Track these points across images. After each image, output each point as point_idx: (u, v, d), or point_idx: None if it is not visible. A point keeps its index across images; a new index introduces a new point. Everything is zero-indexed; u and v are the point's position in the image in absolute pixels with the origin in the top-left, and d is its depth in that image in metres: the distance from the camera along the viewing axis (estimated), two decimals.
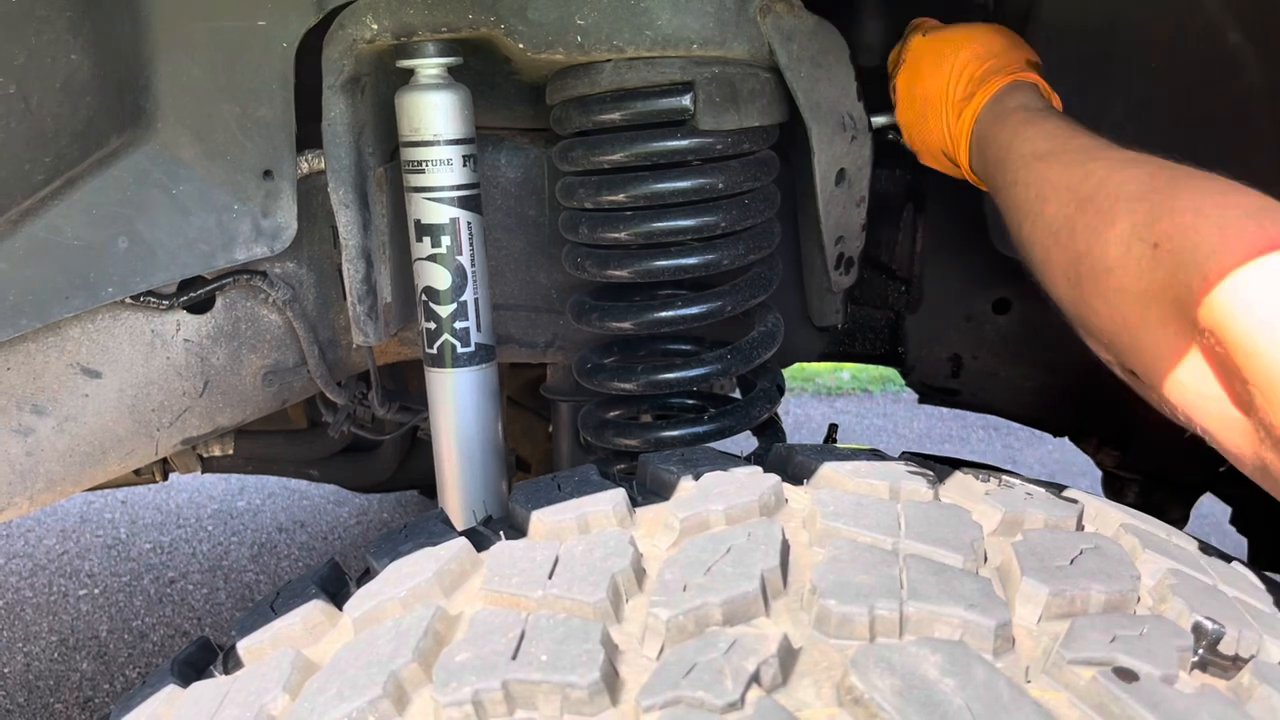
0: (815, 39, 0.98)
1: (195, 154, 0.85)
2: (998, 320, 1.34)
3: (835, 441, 1.26)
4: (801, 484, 0.73)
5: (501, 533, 0.69)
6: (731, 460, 0.76)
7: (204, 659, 0.71)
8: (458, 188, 0.94)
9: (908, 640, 0.54)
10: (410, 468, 1.82)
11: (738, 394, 1.17)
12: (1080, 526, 0.67)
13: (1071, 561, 0.60)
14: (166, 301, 0.94)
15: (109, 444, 0.95)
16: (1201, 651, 0.55)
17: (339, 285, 1.03)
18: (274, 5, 0.83)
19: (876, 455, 0.80)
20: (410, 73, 0.93)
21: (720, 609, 0.55)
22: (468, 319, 0.96)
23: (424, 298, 0.96)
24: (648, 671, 0.52)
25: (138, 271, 0.85)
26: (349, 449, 1.78)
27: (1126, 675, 0.50)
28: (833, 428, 1.38)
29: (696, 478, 0.71)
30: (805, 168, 1.02)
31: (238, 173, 0.87)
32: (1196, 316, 0.60)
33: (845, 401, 3.96)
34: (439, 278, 0.95)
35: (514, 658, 0.53)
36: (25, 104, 0.71)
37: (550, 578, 0.60)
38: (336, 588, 0.73)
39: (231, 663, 0.68)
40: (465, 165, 0.94)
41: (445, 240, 0.94)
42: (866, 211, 1.09)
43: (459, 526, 0.75)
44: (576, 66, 0.94)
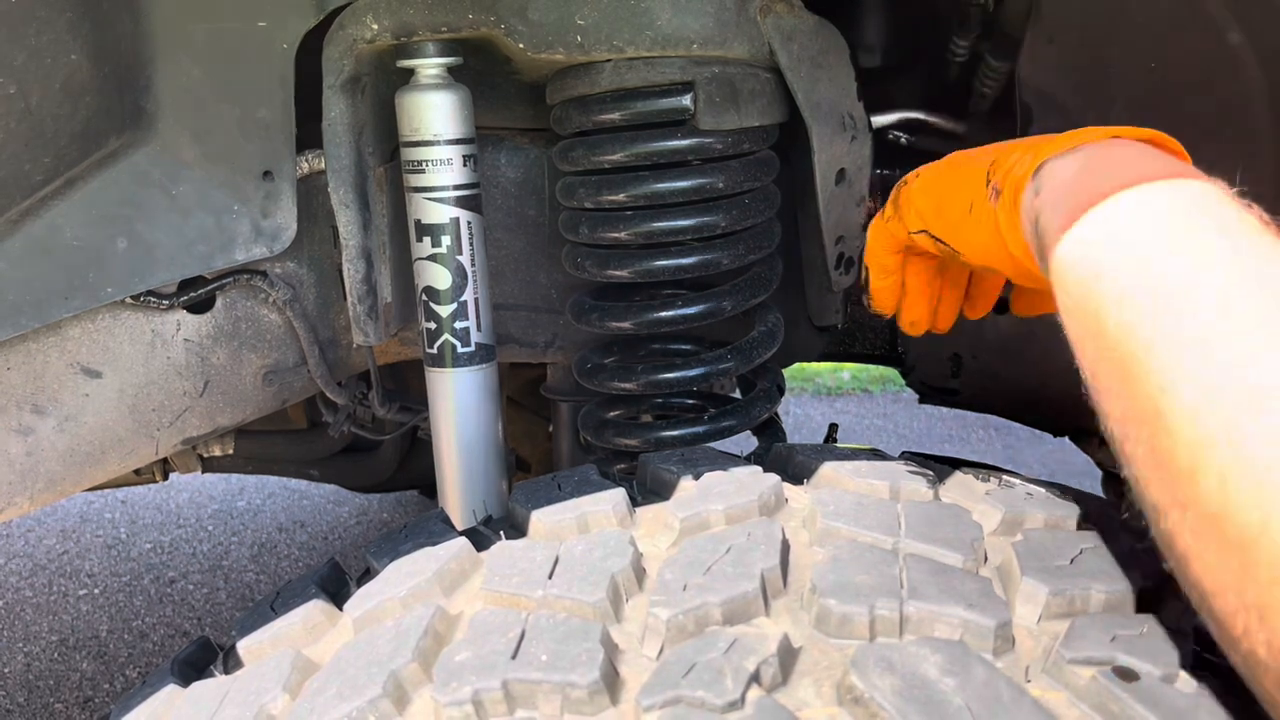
0: (815, 39, 0.98)
1: (195, 155, 0.85)
2: (998, 320, 1.34)
3: (835, 441, 1.26)
4: (801, 484, 0.73)
5: (501, 533, 0.69)
6: (731, 460, 0.76)
7: (204, 659, 0.71)
8: (458, 188, 0.94)
9: (908, 640, 0.54)
10: (410, 468, 1.82)
11: (738, 394, 1.17)
12: (1081, 526, 0.67)
13: (1071, 561, 0.60)
14: (167, 301, 0.94)
15: (109, 444, 0.95)
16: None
17: (339, 285, 1.03)
18: (274, 6, 0.83)
19: (876, 455, 0.80)
20: (410, 73, 0.93)
21: (720, 608, 0.55)
22: (468, 319, 0.96)
23: (424, 298, 0.96)
24: (648, 671, 0.52)
25: (137, 272, 0.85)
26: (349, 449, 1.78)
27: (1126, 675, 0.50)
28: (833, 427, 1.38)
29: (696, 478, 0.71)
30: (805, 168, 1.02)
31: (237, 173, 0.87)
32: None
33: (845, 401, 3.96)
34: (439, 277, 0.95)
35: (514, 657, 0.53)
36: (25, 104, 0.71)
37: (550, 577, 0.60)
38: (336, 587, 0.73)
39: (231, 662, 0.68)
40: (465, 165, 0.94)
41: (445, 240, 0.94)
42: (866, 211, 1.09)
43: (459, 526, 0.75)
44: (576, 66, 0.94)
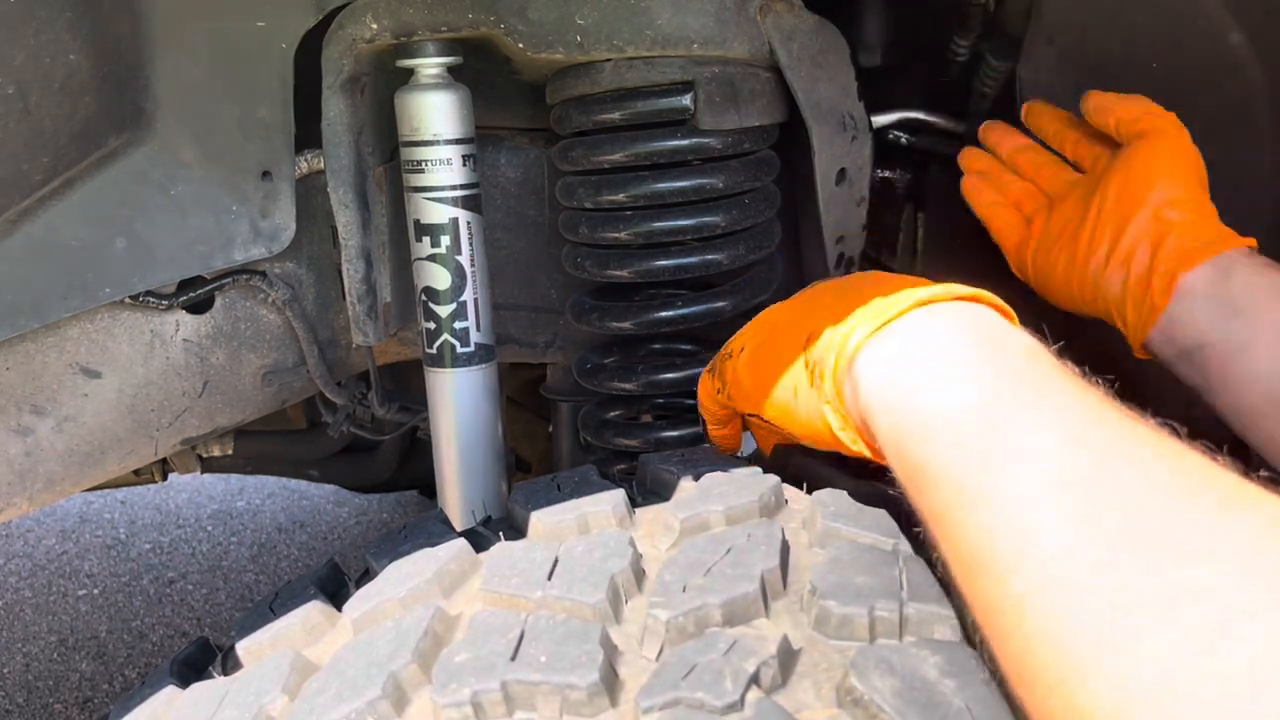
0: (815, 38, 0.98)
1: (194, 154, 0.84)
2: None
3: None
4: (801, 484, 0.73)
5: (501, 533, 0.69)
6: (731, 461, 0.76)
7: (203, 659, 0.71)
8: (457, 187, 0.94)
9: (908, 641, 0.54)
10: (410, 468, 1.82)
11: None
12: None
13: None
14: (166, 301, 0.94)
15: (108, 444, 0.95)
16: None
17: (339, 285, 1.03)
18: (273, 6, 0.83)
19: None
20: (410, 72, 0.93)
21: (720, 610, 0.55)
22: (467, 319, 0.96)
23: (424, 298, 0.96)
24: (647, 672, 0.52)
25: (136, 272, 0.85)
26: (348, 449, 1.78)
27: None
28: None
29: (696, 478, 0.71)
30: (805, 167, 1.02)
31: (236, 173, 0.87)
32: None
33: None
34: (439, 278, 0.95)
35: (513, 659, 0.53)
36: (24, 104, 0.71)
37: (549, 578, 0.59)
38: (336, 588, 0.72)
39: (230, 663, 0.68)
40: (465, 165, 0.94)
41: (445, 240, 0.94)
42: (866, 211, 1.09)
43: (458, 527, 0.74)
44: (576, 66, 0.94)
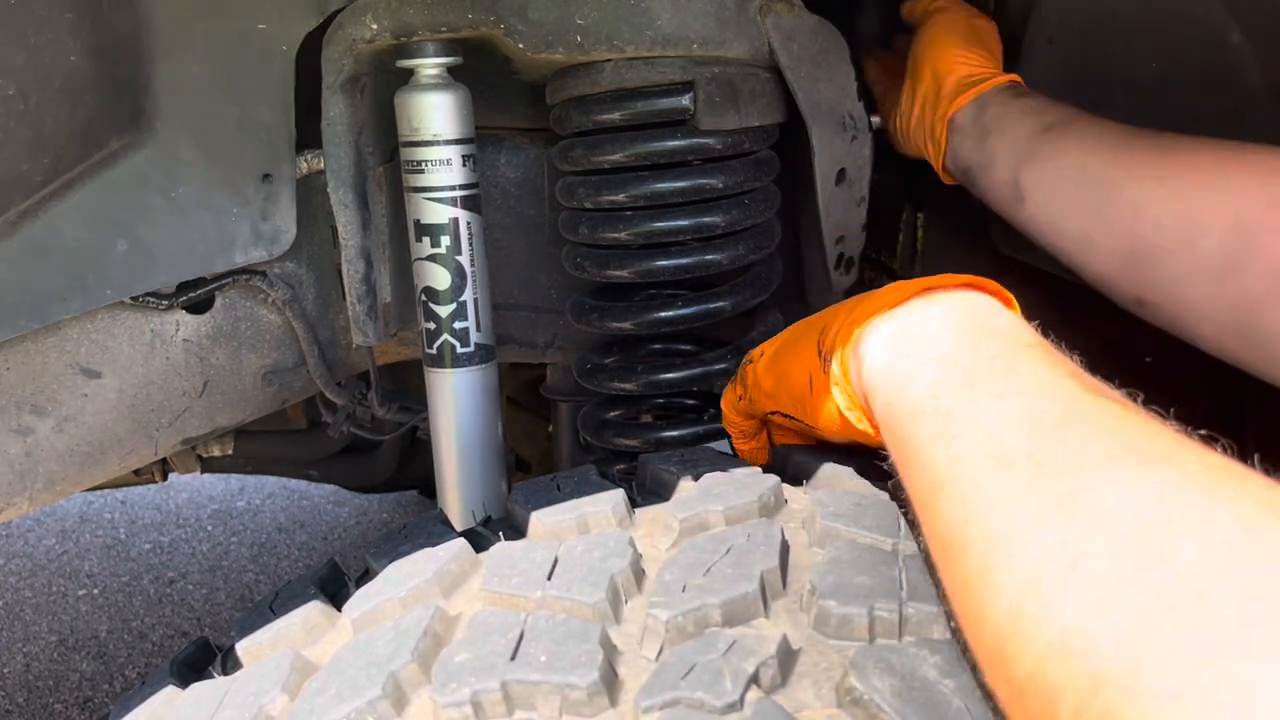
0: (815, 39, 0.98)
1: (194, 156, 0.84)
2: None
3: None
4: (801, 485, 0.73)
5: (501, 533, 0.69)
6: (731, 461, 0.76)
7: (203, 660, 0.71)
8: (457, 188, 0.94)
9: (907, 641, 0.54)
10: (410, 468, 1.82)
11: None
12: None
13: None
14: (166, 301, 0.94)
15: (108, 444, 0.95)
16: None
17: (339, 285, 1.03)
18: (274, 8, 0.83)
19: (876, 455, 0.79)
20: (410, 72, 0.93)
21: (719, 610, 0.55)
22: (467, 319, 0.96)
23: (423, 298, 0.96)
24: (647, 672, 0.52)
25: (136, 274, 0.85)
26: (348, 449, 1.78)
27: None
28: None
29: (696, 478, 0.71)
30: (805, 168, 1.02)
31: (237, 175, 0.87)
32: None
33: None
34: (438, 278, 0.95)
35: (513, 658, 0.53)
36: (25, 105, 0.71)
37: (549, 578, 0.60)
38: (335, 588, 0.73)
39: (230, 663, 0.68)
40: (465, 165, 0.94)
41: (445, 240, 0.94)
42: (866, 211, 1.09)
43: (458, 527, 0.75)
44: (576, 66, 0.94)
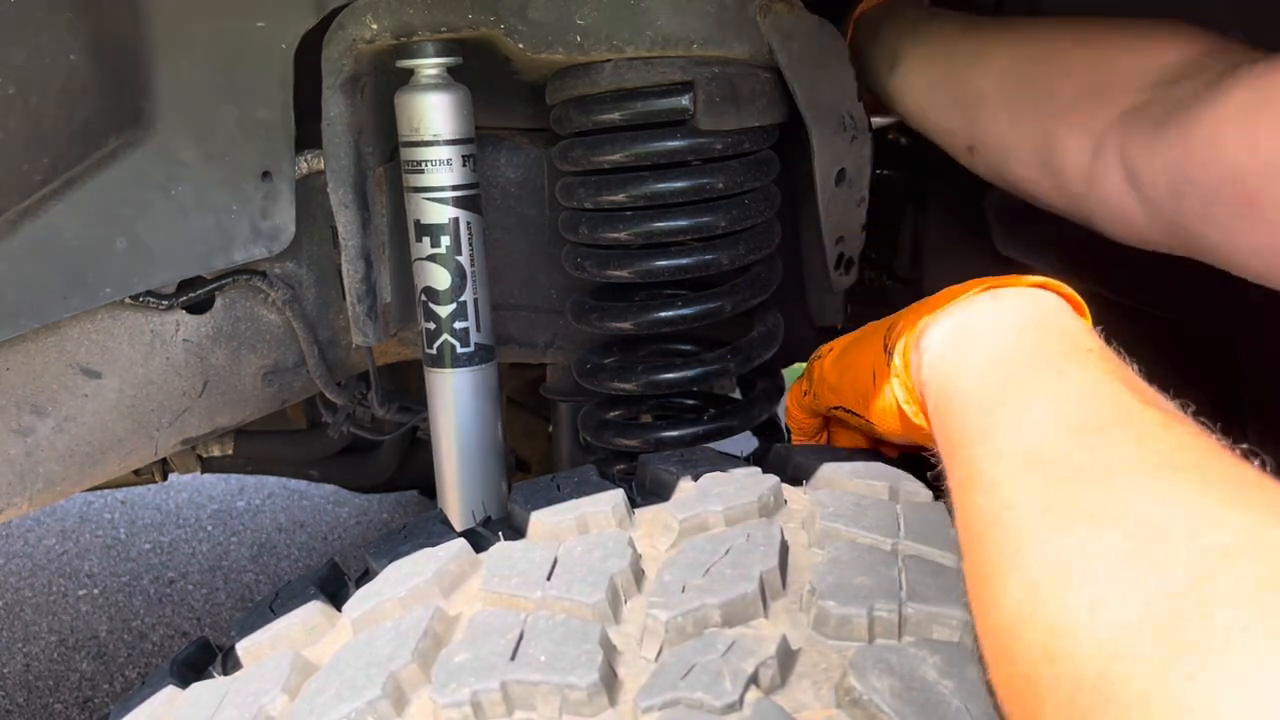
0: (815, 39, 0.98)
1: (194, 155, 0.84)
2: None
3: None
4: (801, 485, 0.73)
5: (500, 533, 0.69)
6: (731, 461, 0.76)
7: (203, 660, 0.71)
8: (457, 188, 0.94)
9: (906, 641, 0.54)
10: (410, 468, 1.82)
11: (738, 394, 1.17)
12: None
13: None
14: (166, 302, 0.94)
15: (109, 444, 0.95)
16: None
17: (339, 285, 1.03)
18: (273, 6, 0.83)
19: (876, 455, 0.79)
20: (410, 72, 0.93)
21: (719, 610, 0.55)
22: (467, 319, 0.96)
23: (423, 298, 0.96)
24: (646, 672, 0.52)
25: (136, 272, 0.85)
26: (348, 449, 1.78)
27: None
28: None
29: (695, 478, 0.71)
30: (805, 168, 1.02)
31: (236, 174, 0.87)
32: None
33: None
34: (438, 278, 0.95)
35: (512, 658, 0.53)
36: (24, 104, 0.71)
37: (549, 579, 0.60)
38: (335, 588, 0.73)
39: (230, 663, 0.68)
40: (465, 165, 0.94)
41: (445, 240, 0.94)
42: (866, 211, 1.09)
43: (458, 527, 0.75)
44: (576, 66, 0.94)
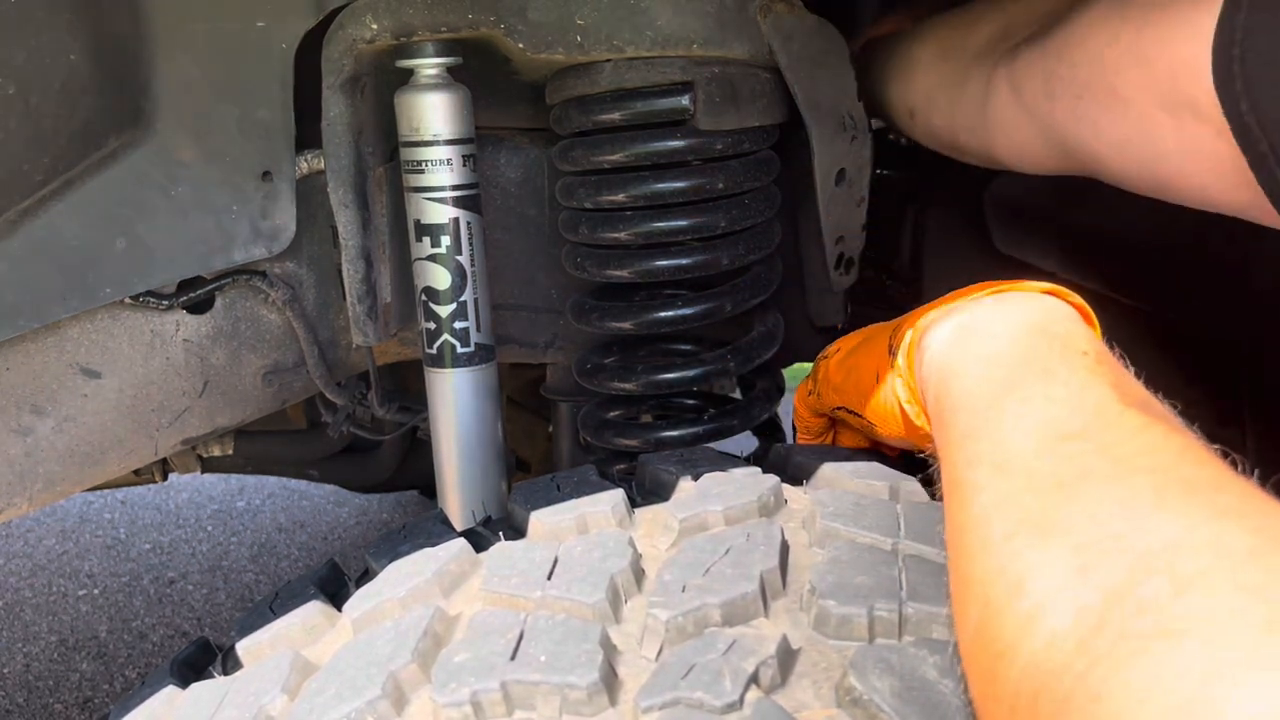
0: (815, 39, 0.98)
1: (194, 155, 0.84)
2: None
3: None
4: (801, 484, 0.73)
5: (500, 533, 0.69)
6: (731, 461, 0.76)
7: (203, 660, 0.71)
8: (457, 188, 0.93)
9: (907, 641, 0.54)
10: (410, 468, 1.82)
11: (738, 394, 1.17)
12: None
13: None
14: (166, 301, 0.94)
15: (108, 444, 0.95)
16: None
17: (339, 285, 1.03)
18: (273, 6, 0.83)
19: (876, 455, 0.79)
20: (410, 72, 0.93)
21: (719, 610, 0.55)
22: (467, 319, 0.96)
23: (424, 298, 0.96)
24: (646, 672, 0.52)
25: (136, 272, 0.85)
26: (349, 449, 1.78)
27: None
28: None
29: (695, 478, 0.71)
30: (805, 168, 1.02)
31: (236, 174, 0.87)
32: None
33: None
34: (439, 278, 0.95)
35: (513, 658, 0.53)
36: (24, 104, 0.71)
37: (549, 578, 0.60)
38: (335, 588, 0.73)
39: (230, 663, 0.68)
40: (465, 165, 0.94)
41: (445, 240, 0.94)
42: (866, 211, 1.09)
43: (458, 527, 0.75)
44: (576, 66, 0.94)
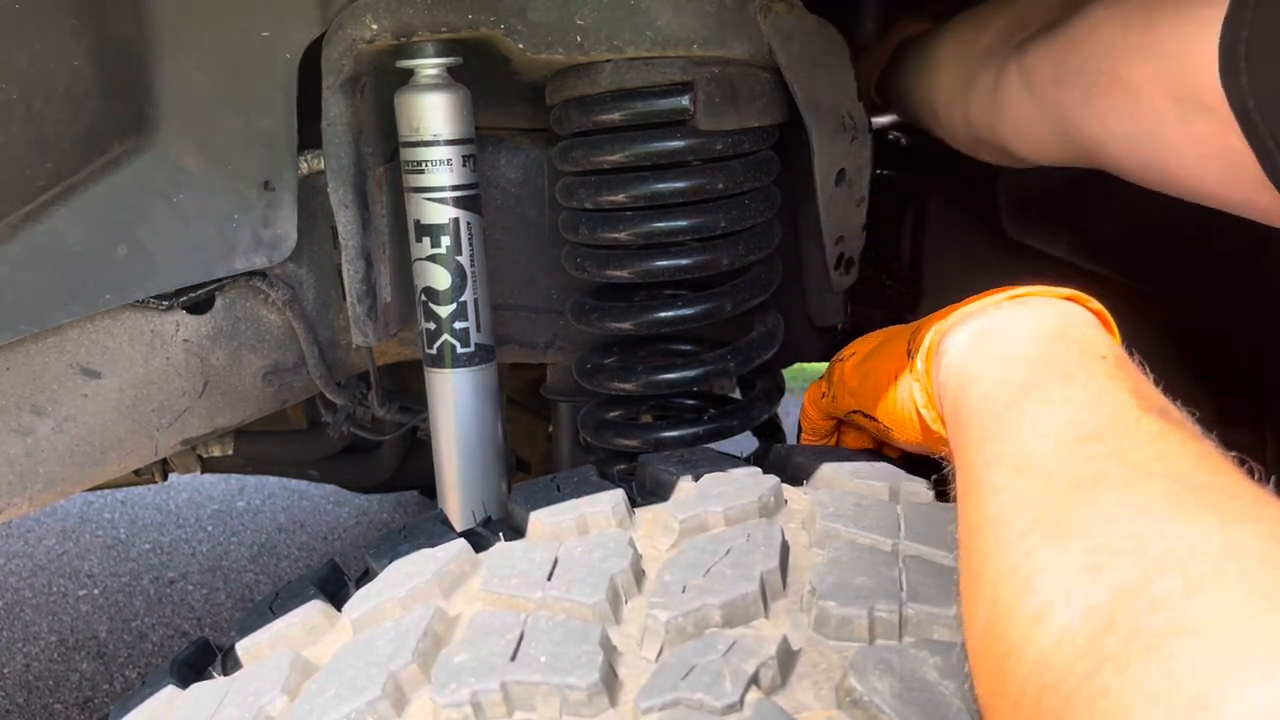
0: (815, 39, 0.98)
1: (197, 162, 0.84)
2: None
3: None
4: (801, 485, 0.73)
5: (501, 533, 0.69)
6: (731, 461, 0.76)
7: (203, 660, 0.71)
8: (457, 188, 0.94)
9: (907, 642, 0.54)
10: (410, 468, 1.82)
11: (738, 394, 1.17)
12: None
13: None
14: (166, 302, 0.94)
15: (108, 444, 0.95)
16: None
17: (339, 285, 1.03)
18: (277, 15, 0.83)
19: (876, 456, 0.80)
20: (410, 73, 0.93)
21: (719, 610, 0.55)
22: (467, 319, 0.96)
23: (424, 298, 0.96)
24: (647, 673, 0.52)
25: (136, 279, 0.85)
26: (349, 449, 1.78)
27: None
28: None
29: (696, 479, 0.71)
30: (805, 168, 1.02)
31: (239, 182, 0.87)
32: None
33: None
34: (439, 278, 0.95)
35: (513, 659, 0.53)
36: (27, 109, 0.71)
37: (549, 579, 0.60)
38: (335, 588, 0.73)
39: (230, 664, 0.68)
40: (465, 165, 0.94)
41: (445, 240, 0.94)
42: (866, 211, 1.09)
43: (458, 527, 0.75)
44: (576, 67, 0.94)
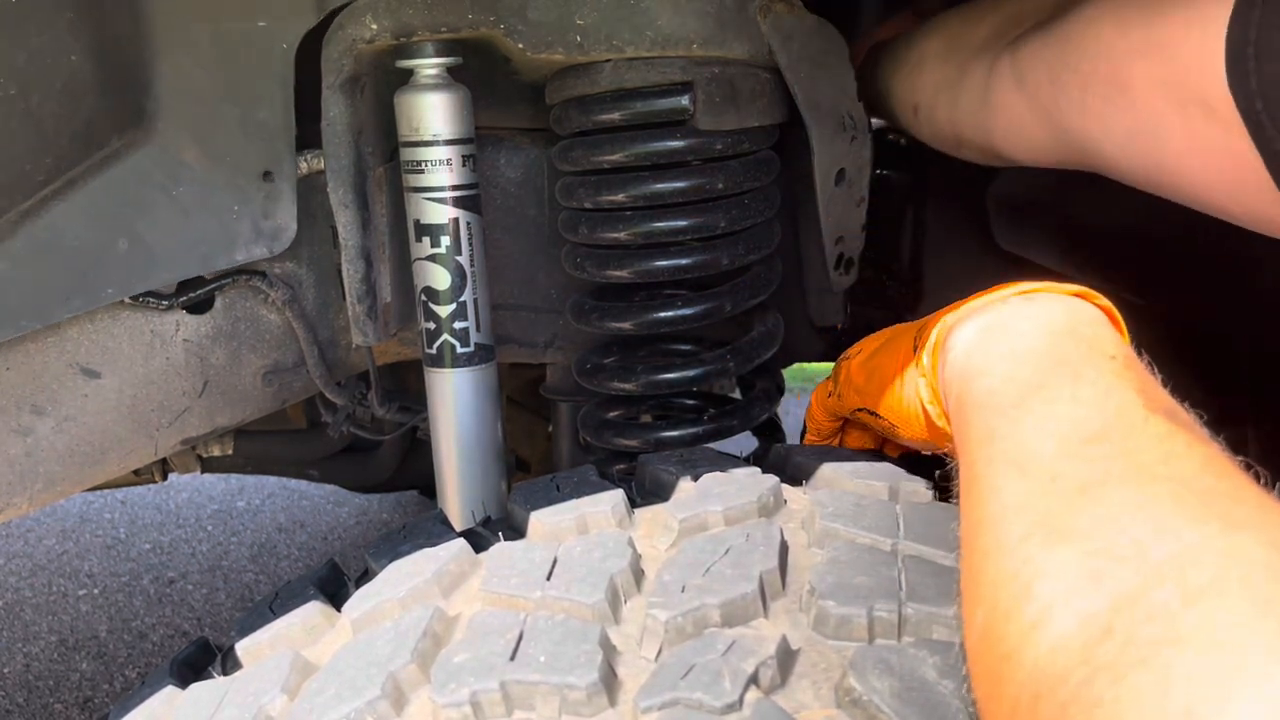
0: (815, 39, 0.98)
1: (196, 155, 0.84)
2: None
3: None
4: (800, 485, 0.73)
5: (500, 533, 0.69)
6: (730, 461, 0.76)
7: (203, 660, 0.71)
8: (457, 188, 0.94)
9: (906, 642, 0.54)
10: (410, 468, 1.82)
11: (738, 394, 1.17)
12: None
13: None
14: (166, 301, 0.94)
15: (108, 444, 0.95)
16: None
17: (339, 285, 1.03)
18: (274, 7, 0.83)
19: (876, 455, 0.80)
20: (410, 73, 0.93)
21: (719, 610, 0.55)
22: (467, 319, 0.96)
23: (423, 298, 0.96)
24: (646, 673, 0.52)
25: (137, 273, 0.85)
26: (348, 449, 1.78)
27: None
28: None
29: (695, 478, 0.71)
30: (805, 168, 1.02)
31: (238, 174, 0.87)
32: None
33: None
34: (438, 278, 0.95)
35: (512, 659, 0.53)
36: (26, 105, 0.71)
37: (549, 579, 0.60)
38: (335, 588, 0.73)
39: (230, 663, 0.68)
40: (465, 165, 0.94)
41: (444, 240, 0.94)
42: (866, 211, 1.09)
43: (458, 527, 0.75)
44: (576, 66, 0.94)
